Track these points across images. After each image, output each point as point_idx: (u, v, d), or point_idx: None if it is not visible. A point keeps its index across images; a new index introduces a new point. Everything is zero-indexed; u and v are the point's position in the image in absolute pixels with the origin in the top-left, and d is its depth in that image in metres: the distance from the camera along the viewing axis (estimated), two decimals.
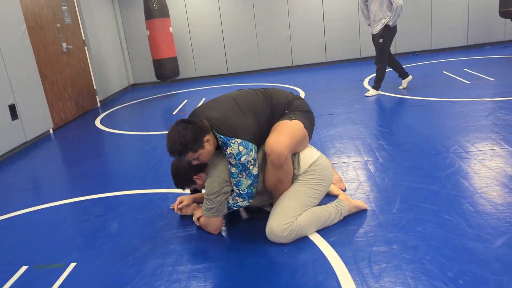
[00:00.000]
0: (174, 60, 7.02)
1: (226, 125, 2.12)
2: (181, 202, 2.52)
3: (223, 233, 2.31)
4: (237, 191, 2.17)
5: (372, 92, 5.09)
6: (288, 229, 2.08)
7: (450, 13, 7.39)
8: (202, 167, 2.32)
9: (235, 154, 2.09)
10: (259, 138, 2.22)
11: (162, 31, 6.73)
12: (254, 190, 2.18)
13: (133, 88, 8.16)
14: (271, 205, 2.43)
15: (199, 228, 2.38)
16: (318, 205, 2.25)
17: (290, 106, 2.35)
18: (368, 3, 4.95)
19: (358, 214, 2.32)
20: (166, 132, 4.52)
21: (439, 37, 7.53)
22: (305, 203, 2.18)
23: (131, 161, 3.75)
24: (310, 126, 2.32)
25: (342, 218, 2.27)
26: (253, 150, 2.12)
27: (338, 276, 1.81)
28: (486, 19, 7.39)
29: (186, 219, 2.52)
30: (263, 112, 2.26)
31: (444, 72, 5.88)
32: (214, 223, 2.24)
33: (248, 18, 7.66)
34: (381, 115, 4.24)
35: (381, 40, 4.87)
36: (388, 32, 4.85)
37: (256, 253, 2.07)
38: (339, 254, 1.97)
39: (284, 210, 2.12)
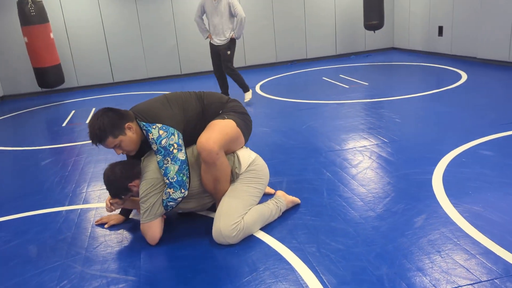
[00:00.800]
0: (58, 67, 6.53)
1: (149, 113, 2.20)
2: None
3: (165, 243, 2.24)
4: (167, 181, 2.14)
5: (247, 96, 5.26)
6: (236, 228, 2.14)
7: (321, 25, 8.10)
8: (136, 174, 2.26)
9: (155, 138, 2.12)
10: (189, 135, 2.27)
11: (42, 37, 6.20)
12: (185, 178, 2.14)
13: (4, 101, 7.31)
14: (211, 208, 2.46)
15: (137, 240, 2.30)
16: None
17: (224, 107, 2.41)
18: (207, 16, 5.13)
19: (293, 209, 2.47)
20: (60, 145, 4.24)
21: (313, 47, 8.20)
22: (249, 202, 2.25)
23: (28, 179, 3.40)
24: (245, 126, 2.38)
25: (281, 213, 2.39)
26: (175, 135, 2.14)
27: (296, 268, 1.93)
28: (351, 31, 8.28)
29: (115, 232, 2.41)
30: (193, 109, 2.32)
31: (323, 78, 6.44)
32: (152, 229, 2.17)
33: (132, 24, 7.44)
34: (273, 117, 4.50)
35: (228, 52, 5.10)
36: (234, 44, 5.15)
37: (207, 258, 2.08)
38: (289, 248, 2.09)
39: (230, 210, 2.17)
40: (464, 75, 5.64)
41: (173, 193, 2.15)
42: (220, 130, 2.21)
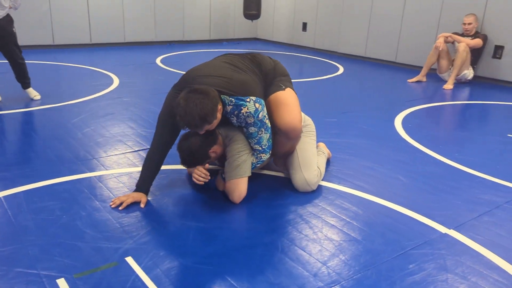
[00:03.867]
0: None
1: (237, 85, 2.04)
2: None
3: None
4: (260, 148, 2.16)
5: (33, 93, 3.97)
6: (317, 175, 2.30)
7: (198, 10, 8.16)
8: (214, 140, 2.16)
9: (252, 112, 2.04)
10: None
11: None
12: (271, 142, 2.20)
13: None
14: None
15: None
16: None
17: (276, 73, 2.38)
18: None
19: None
20: None
21: (190, 31, 8.20)
22: (315, 151, 2.40)
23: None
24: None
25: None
26: (265, 105, 2.13)
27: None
28: (223, 19, 8.58)
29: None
30: (259, 77, 2.27)
31: None
32: (240, 185, 2.12)
33: None
34: None
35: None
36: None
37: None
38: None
39: (308, 161, 2.30)
40: (340, 66, 6.59)
41: (264, 156, 2.20)
42: (294, 105, 2.23)
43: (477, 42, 5.33)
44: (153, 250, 1.73)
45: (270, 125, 2.15)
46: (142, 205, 2.10)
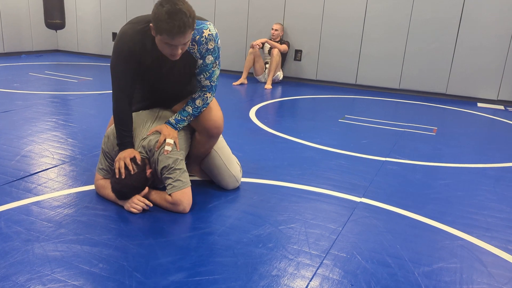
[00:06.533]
0: None
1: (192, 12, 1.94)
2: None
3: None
4: (209, 84, 2.11)
5: None
6: (240, 170, 2.41)
7: None
8: (143, 160, 2.06)
9: (214, 35, 1.98)
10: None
11: None
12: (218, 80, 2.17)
13: None
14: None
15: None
16: None
17: None
18: None
19: None
20: None
21: None
22: (227, 146, 2.44)
23: None
24: None
25: None
26: None
27: None
28: (18, 30, 7.50)
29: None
30: None
31: (31, 73, 5.80)
32: (187, 194, 2.06)
33: None
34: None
35: None
36: None
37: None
38: None
39: (231, 159, 2.38)
40: None
41: (209, 97, 2.13)
42: (217, 106, 2.25)
43: (284, 47, 6.19)
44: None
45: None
46: (139, 161, 1.96)
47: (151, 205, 2.05)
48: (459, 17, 5.48)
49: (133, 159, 2.01)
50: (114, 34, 7.73)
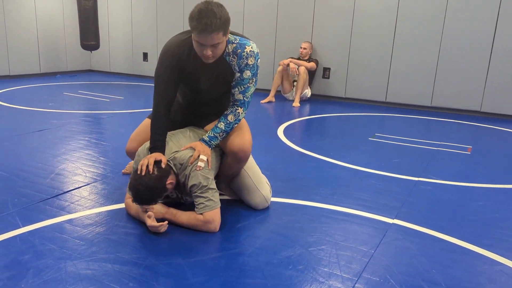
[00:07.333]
0: None
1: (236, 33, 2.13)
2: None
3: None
4: (242, 98, 2.16)
5: None
6: (270, 191, 2.40)
7: (24, 42, 7.27)
8: (168, 170, 2.07)
9: (255, 52, 2.09)
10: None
11: None
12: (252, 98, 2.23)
13: None
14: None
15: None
16: None
17: None
18: None
19: None
20: None
21: (16, 65, 7.23)
22: (257, 166, 2.46)
23: None
24: None
25: None
26: None
27: None
28: (55, 51, 7.82)
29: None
30: None
31: (65, 93, 6.01)
32: (218, 214, 2.07)
33: None
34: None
35: None
36: None
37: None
38: None
39: (261, 180, 2.38)
40: None
41: (241, 112, 2.17)
42: (246, 129, 2.28)
43: (312, 65, 6.20)
44: None
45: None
46: (163, 165, 1.98)
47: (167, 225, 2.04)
48: (493, 32, 5.36)
49: (158, 162, 2.02)
50: (144, 54, 7.95)
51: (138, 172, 1.99)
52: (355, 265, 1.85)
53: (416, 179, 2.99)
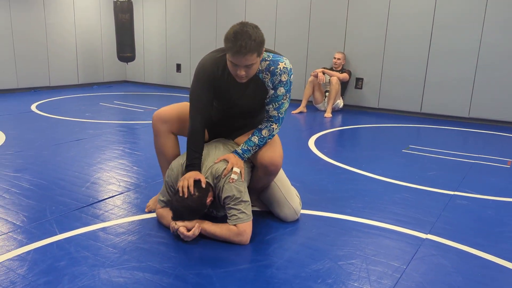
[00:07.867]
0: None
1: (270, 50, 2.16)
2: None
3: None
4: (276, 115, 2.19)
5: None
6: (300, 203, 2.40)
7: (63, 54, 7.59)
8: (207, 188, 2.11)
9: (288, 69, 2.11)
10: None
11: None
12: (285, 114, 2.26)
13: None
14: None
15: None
16: None
17: None
18: None
19: None
20: None
21: (56, 76, 7.56)
22: (287, 178, 2.48)
23: None
24: None
25: None
26: None
27: None
28: (93, 63, 8.14)
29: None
30: None
31: (102, 103, 6.22)
32: (250, 227, 2.09)
33: None
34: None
35: None
36: None
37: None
38: None
39: (291, 193, 2.39)
40: None
41: (276, 128, 2.20)
42: (277, 142, 2.30)
43: (345, 76, 6.17)
44: None
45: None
46: (203, 185, 2.02)
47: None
48: None
49: (197, 182, 2.06)
50: (178, 65, 8.13)
51: (180, 195, 2.04)
52: (386, 280, 1.82)
53: (452, 193, 2.92)
